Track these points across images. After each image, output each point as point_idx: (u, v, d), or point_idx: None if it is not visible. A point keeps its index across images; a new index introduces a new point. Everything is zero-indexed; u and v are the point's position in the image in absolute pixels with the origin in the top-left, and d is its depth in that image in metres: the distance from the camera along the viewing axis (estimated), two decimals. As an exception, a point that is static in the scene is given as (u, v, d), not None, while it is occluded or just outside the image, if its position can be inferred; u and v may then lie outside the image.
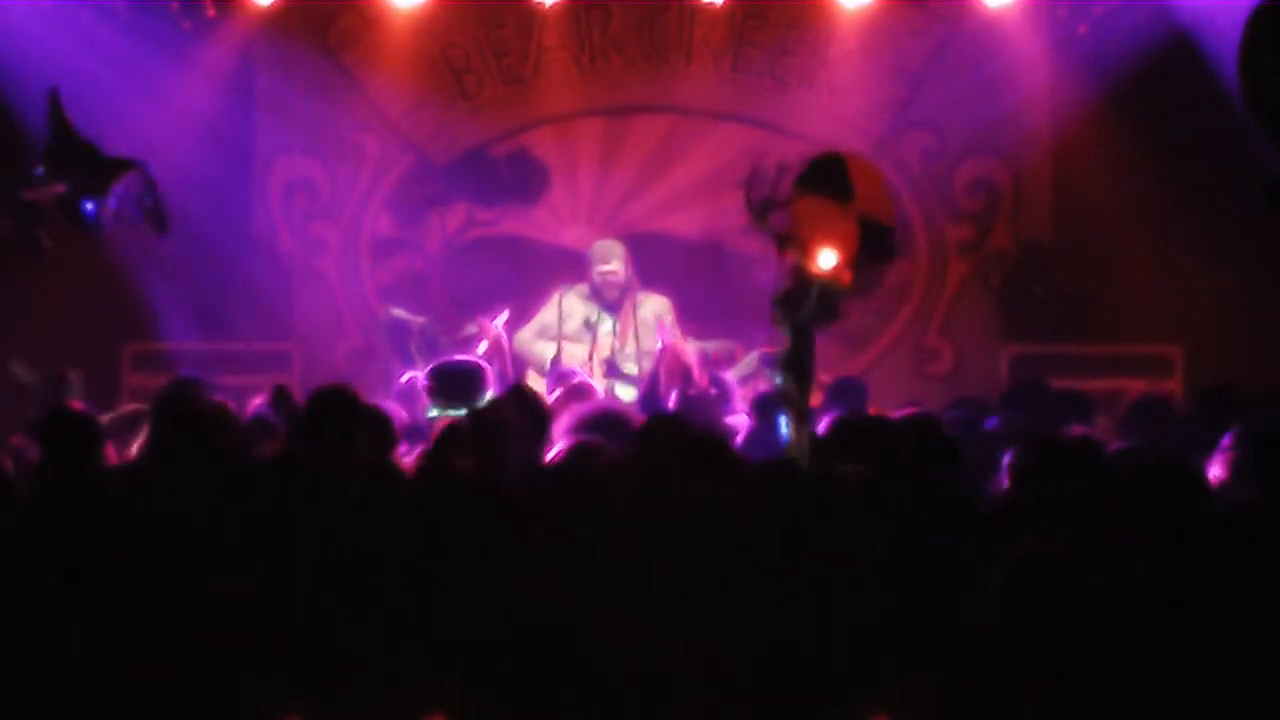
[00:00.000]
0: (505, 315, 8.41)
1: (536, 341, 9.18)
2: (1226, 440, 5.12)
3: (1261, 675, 3.72)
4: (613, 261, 9.21)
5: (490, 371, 6.96)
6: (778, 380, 5.49)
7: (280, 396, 6.66)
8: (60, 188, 8.04)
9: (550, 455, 5.12)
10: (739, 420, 6.82)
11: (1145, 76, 10.23)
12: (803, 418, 5.41)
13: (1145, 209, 10.42)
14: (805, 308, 5.46)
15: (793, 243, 5.55)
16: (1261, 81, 6.24)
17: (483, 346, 8.21)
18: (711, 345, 9.06)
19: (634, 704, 3.95)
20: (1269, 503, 4.75)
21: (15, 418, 7.14)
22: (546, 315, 9.21)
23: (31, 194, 8.07)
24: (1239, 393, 6.65)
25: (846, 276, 5.48)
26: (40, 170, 8.08)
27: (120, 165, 8.09)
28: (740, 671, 3.96)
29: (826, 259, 5.45)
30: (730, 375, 8.22)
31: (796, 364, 5.45)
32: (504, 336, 8.22)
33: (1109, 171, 10.43)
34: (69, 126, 8.06)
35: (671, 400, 7.40)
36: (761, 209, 5.56)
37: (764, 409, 6.43)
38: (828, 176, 5.60)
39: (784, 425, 5.41)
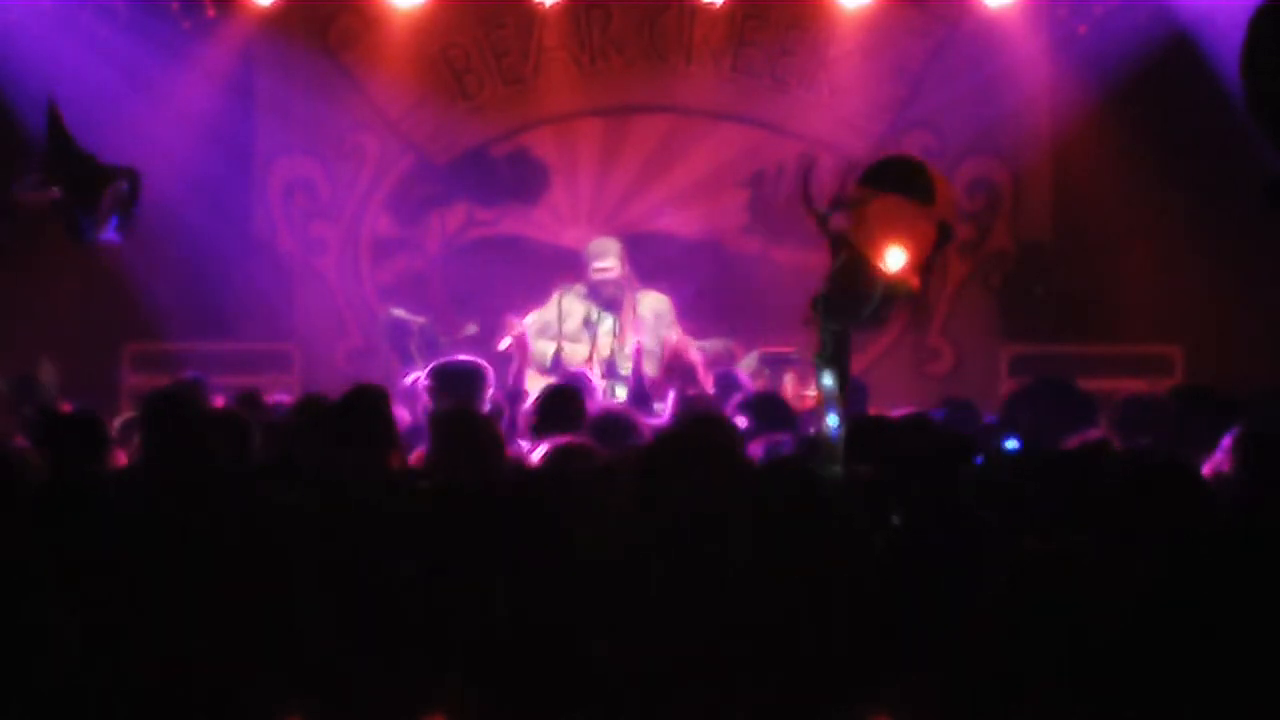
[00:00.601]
0: (533, 316, 8.52)
1: (537, 340, 9.16)
2: (1226, 441, 5.12)
3: (1262, 676, 3.72)
4: (608, 259, 9.18)
5: (490, 371, 6.97)
6: (822, 381, 5.46)
7: (247, 401, 6.67)
8: (55, 193, 8.03)
9: (537, 456, 5.12)
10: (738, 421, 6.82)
11: (1145, 76, 10.23)
12: (838, 417, 5.39)
13: (1145, 209, 10.41)
14: (853, 310, 5.43)
15: (847, 245, 5.51)
16: (1262, 82, 6.23)
17: (506, 342, 8.27)
18: (709, 345, 9.07)
19: (634, 704, 3.95)
20: (1269, 503, 4.75)
21: (15, 418, 7.13)
22: (546, 314, 9.20)
23: (24, 196, 8.06)
24: (1224, 394, 6.64)
25: (915, 280, 5.45)
26: (32, 176, 8.07)
27: (110, 175, 8.07)
28: (740, 672, 3.96)
29: (895, 259, 5.42)
30: (740, 373, 8.22)
31: (835, 366, 5.42)
32: (528, 336, 8.33)
33: (1109, 171, 10.43)
34: (67, 135, 8.05)
35: (670, 400, 7.39)
36: (830, 207, 5.53)
37: (755, 410, 6.43)
38: (906, 176, 5.58)
39: (833, 423, 5.39)
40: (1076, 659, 3.72)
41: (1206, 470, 5.05)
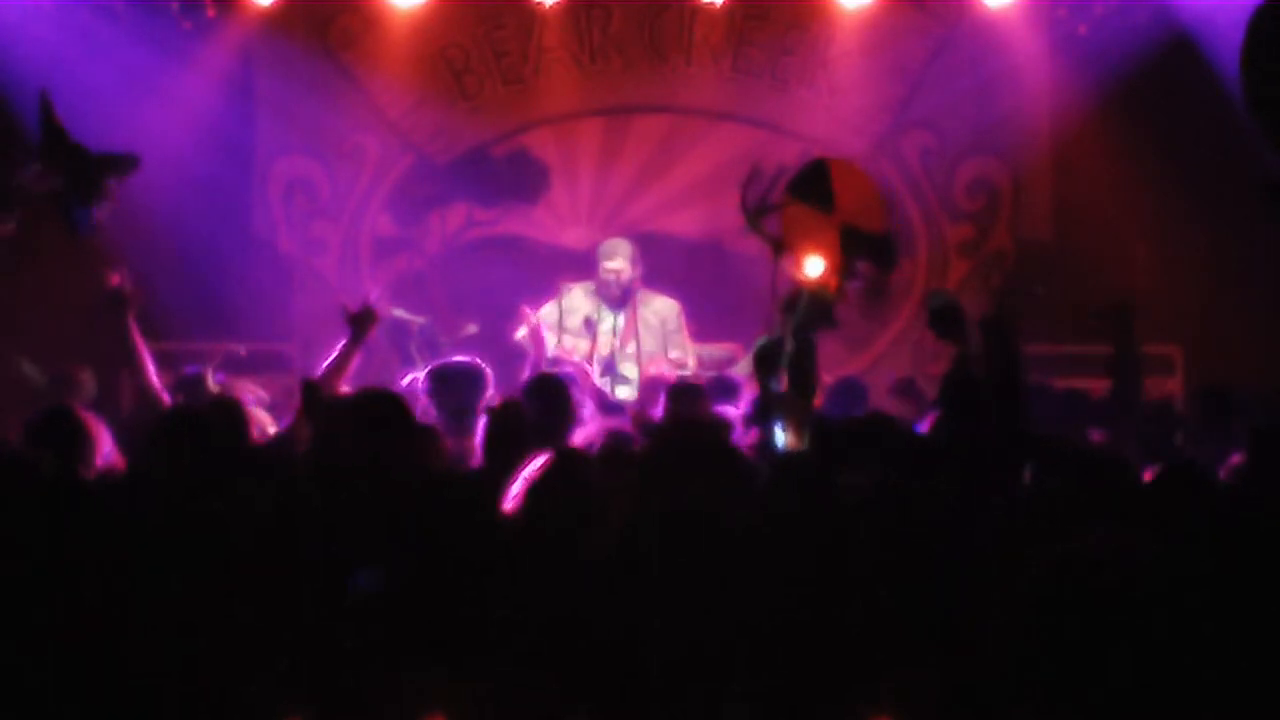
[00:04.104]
0: (547, 307, 8.81)
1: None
2: (1232, 441, 5.13)
3: (1271, 679, 3.72)
4: (616, 259, 9.21)
5: (489, 373, 6.97)
6: (780, 385, 5.48)
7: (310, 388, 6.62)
8: (55, 183, 8.04)
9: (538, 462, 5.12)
10: (729, 411, 6.82)
11: (1145, 76, 10.24)
12: (803, 423, 5.40)
13: (1145, 209, 10.42)
14: (798, 313, 5.46)
15: (785, 248, 5.56)
16: (1261, 82, 6.24)
17: (522, 332, 8.33)
18: (707, 352, 9.09)
19: (634, 703, 3.95)
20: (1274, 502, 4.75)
21: (16, 418, 7.13)
22: (549, 310, 9.22)
23: (29, 183, 8.06)
24: (1237, 394, 6.65)
25: (834, 283, 5.48)
26: (32, 167, 8.08)
27: (106, 165, 8.07)
28: (740, 671, 3.96)
29: (813, 266, 5.46)
30: (737, 373, 8.24)
31: (797, 369, 5.44)
32: (543, 326, 8.41)
33: (1109, 171, 10.44)
34: (60, 127, 8.05)
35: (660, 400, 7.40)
36: (756, 213, 5.57)
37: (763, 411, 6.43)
38: (812, 184, 5.61)
39: (779, 430, 5.41)
40: (1078, 661, 3.72)
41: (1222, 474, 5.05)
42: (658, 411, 7.09)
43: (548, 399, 6.15)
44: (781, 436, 5.41)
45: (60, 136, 8.01)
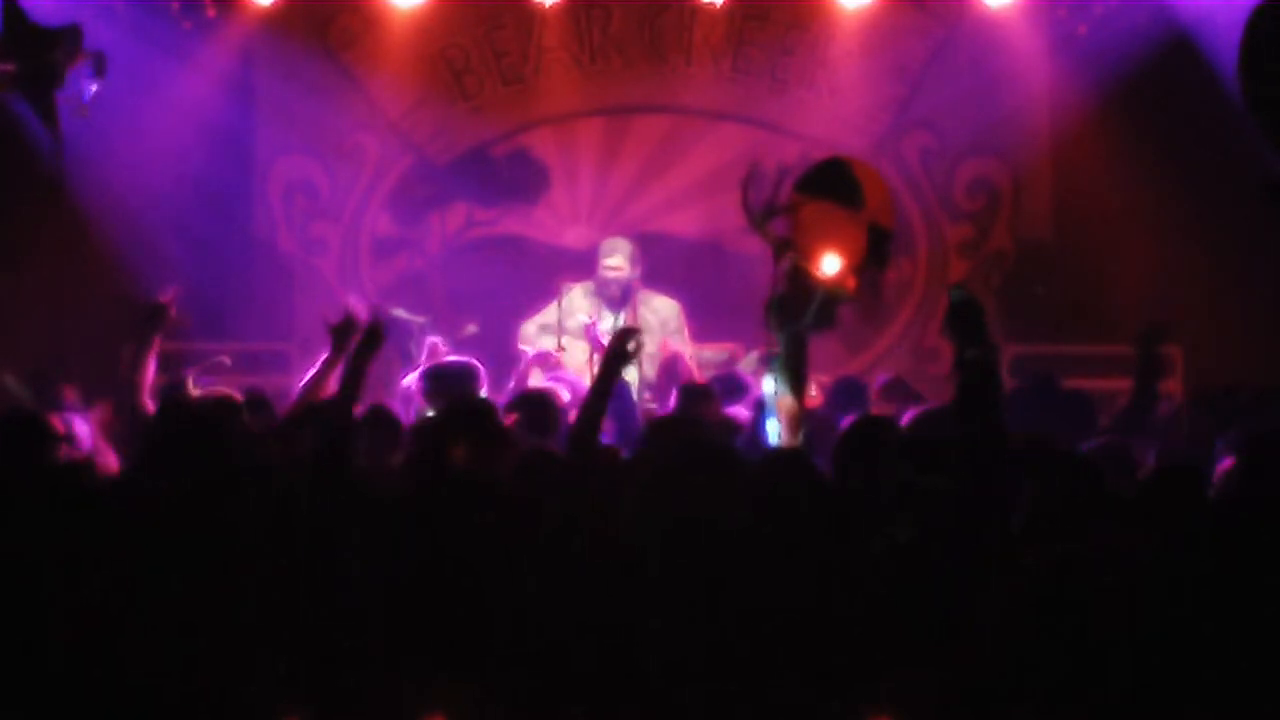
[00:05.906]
0: (546, 309, 8.82)
1: (540, 337, 9.18)
2: (1228, 443, 5.12)
3: (1260, 677, 3.72)
4: (616, 257, 9.22)
5: (483, 371, 6.97)
6: (771, 385, 5.48)
7: (254, 404, 6.67)
8: (7, 66, 8.03)
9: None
10: (739, 411, 6.82)
11: (1145, 76, 10.24)
12: (796, 423, 5.40)
13: (1145, 209, 10.41)
14: (804, 314, 5.45)
15: (790, 248, 5.54)
16: (1262, 82, 6.25)
17: (471, 329, 8.32)
18: (707, 353, 9.09)
19: (634, 702, 3.95)
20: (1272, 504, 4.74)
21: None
22: (549, 311, 9.23)
23: None
24: (1238, 395, 6.65)
25: (851, 283, 5.47)
26: None
27: (59, 42, 8.05)
28: (741, 669, 3.96)
29: (830, 265, 5.45)
30: (742, 372, 8.24)
31: (791, 369, 5.44)
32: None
33: (1109, 171, 10.44)
34: (20, 12, 8.03)
35: (671, 396, 7.40)
36: (762, 214, 5.56)
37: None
38: (835, 181, 5.60)
39: (771, 429, 5.41)
40: (1077, 661, 3.72)
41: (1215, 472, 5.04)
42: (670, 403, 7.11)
43: (534, 410, 6.15)
44: (772, 433, 5.41)
45: (20, 20, 8.00)
